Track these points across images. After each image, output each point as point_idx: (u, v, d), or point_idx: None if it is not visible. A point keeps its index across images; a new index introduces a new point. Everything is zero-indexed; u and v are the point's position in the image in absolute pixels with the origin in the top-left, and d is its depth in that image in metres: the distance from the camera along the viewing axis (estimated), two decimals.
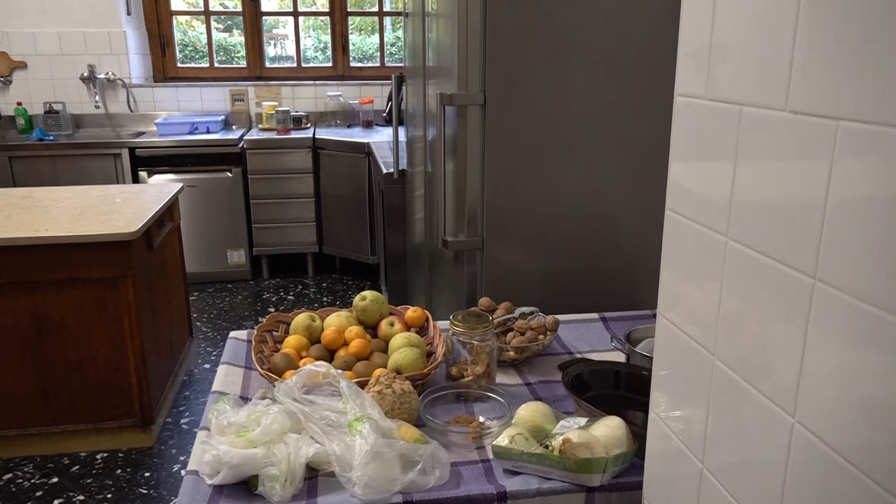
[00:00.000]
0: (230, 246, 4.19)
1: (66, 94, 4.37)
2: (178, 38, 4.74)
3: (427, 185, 2.45)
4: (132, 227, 2.34)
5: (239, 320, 3.72)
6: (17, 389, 2.41)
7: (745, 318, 0.71)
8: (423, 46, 2.33)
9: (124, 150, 3.96)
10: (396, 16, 5.04)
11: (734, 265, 0.72)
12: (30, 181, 3.86)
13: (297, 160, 4.12)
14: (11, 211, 2.56)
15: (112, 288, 2.36)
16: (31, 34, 4.27)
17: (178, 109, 4.51)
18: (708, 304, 0.78)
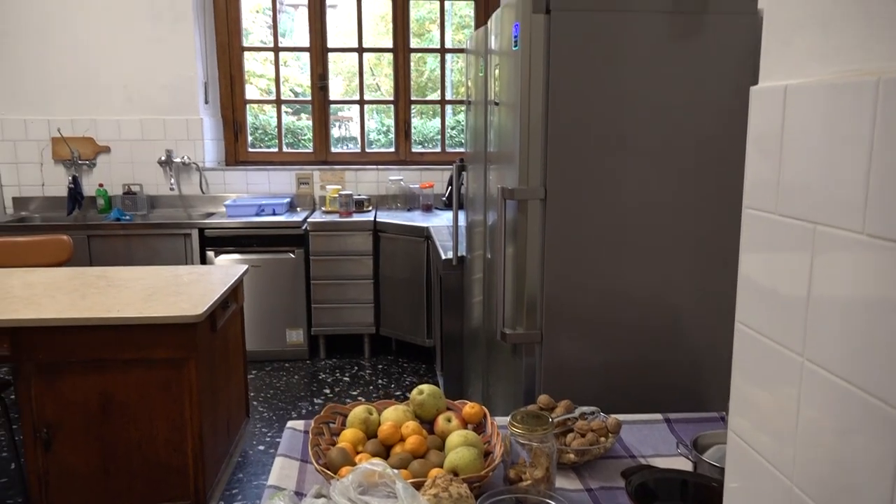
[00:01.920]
0: (289, 325, 4.26)
1: (144, 176, 4.62)
2: (250, 121, 5.00)
3: (486, 271, 2.46)
4: (198, 309, 2.40)
5: (295, 401, 3.73)
6: (80, 466, 2.45)
7: (823, 432, 0.67)
8: (485, 133, 2.38)
9: (194, 230, 4.12)
10: (458, 104, 5.21)
11: (812, 386, 0.69)
12: (105, 258, 4.05)
13: (357, 242, 4.21)
14: (87, 290, 2.67)
15: (175, 369, 2.41)
16: (117, 121, 4.57)
17: (247, 191, 4.70)
18: (783, 417, 0.74)
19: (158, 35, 4.50)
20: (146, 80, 4.55)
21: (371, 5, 4.94)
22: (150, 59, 4.52)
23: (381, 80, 5.43)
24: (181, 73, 4.54)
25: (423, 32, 5.38)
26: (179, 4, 4.47)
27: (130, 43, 4.50)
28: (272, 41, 4.90)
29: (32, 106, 4.54)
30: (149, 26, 4.49)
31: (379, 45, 5.06)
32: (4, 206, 4.59)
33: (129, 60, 4.52)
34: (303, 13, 4.98)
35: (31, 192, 4.62)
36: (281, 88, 4.89)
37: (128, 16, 4.47)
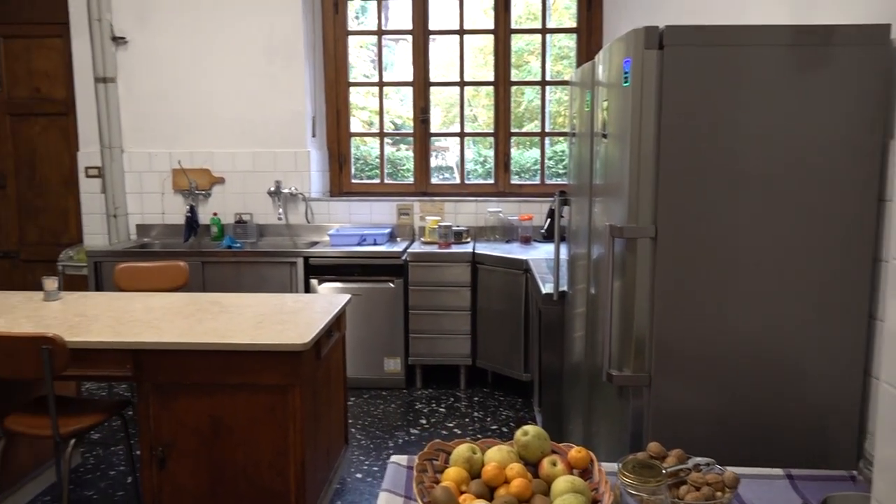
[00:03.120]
0: (387, 354, 4.31)
1: (255, 206, 4.84)
2: (352, 153, 5.15)
3: (589, 306, 2.41)
4: (304, 338, 2.47)
5: (391, 430, 3.75)
6: (190, 487, 2.55)
7: None
8: (591, 165, 2.35)
9: (300, 258, 4.27)
10: (557, 135, 5.18)
11: None
12: (217, 283, 4.25)
13: (456, 274, 4.23)
14: (202, 316, 2.80)
15: (281, 395, 2.49)
16: (231, 154, 4.83)
17: (350, 221, 4.83)
18: None
19: (272, 73, 4.74)
20: (259, 115, 4.79)
21: (470, 38, 5.01)
22: (264, 95, 4.77)
23: (478, 111, 5.48)
24: (291, 108, 4.76)
25: (522, 64, 5.40)
26: (292, 44, 4.70)
27: (246, 81, 4.77)
28: (375, 75, 5.06)
29: (156, 140, 4.87)
30: (263, 65, 4.74)
31: (477, 77, 5.12)
32: (129, 233, 4.92)
33: (244, 97, 4.78)
34: (403, 46, 5.13)
35: (153, 220, 4.93)
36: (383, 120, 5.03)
37: (245, 56, 4.74)
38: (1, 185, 5.22)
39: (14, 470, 2.91)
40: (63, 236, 5.21)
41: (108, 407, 2.69)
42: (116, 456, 3.45)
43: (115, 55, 4.79)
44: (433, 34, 4.94)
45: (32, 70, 5.11)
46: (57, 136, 5.15)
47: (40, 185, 5.21)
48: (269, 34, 4.70)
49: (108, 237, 4.87)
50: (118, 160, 4.85)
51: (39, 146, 5.18)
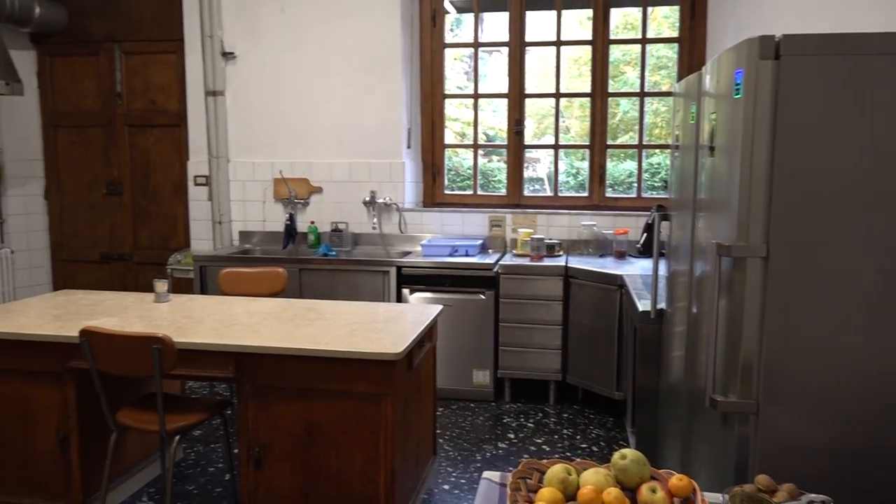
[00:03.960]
0: (476, 366, 4.30)
1: (350, 215, 4.96)
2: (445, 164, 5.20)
3: (690, 326, 2.31)
4: (398, 347, 2.49)
5: (479, 442, 3.73)
6: (284, 488, 2.62)
7: None
8: (695, 179, 2.26)
9: (392, 268, 4.33)
10: (656, 148, 5.04)
11: None
12: (313, 290, 4.37)
13: (547, 287, 4.18)
14: (300, 322, 2.88)
15: (374, 403, 2.52)
16: (329, 164, 4.97)
17: (442, 232, 4.87)
18: None
19: (369, 85, 4.85)
20: (356, 127, 4.91)
21: (565, 49, 4.95)
22: (361, 107, 4.88)
23: (570, 123, 5.42)
24: (387, 120, 4.85)
25: (617, 74, 5.31)
26: (390, 57, 4.79)
27: (345, 93, 4.90)
28: (468, 86, 5.08)
29: (260, 150, 5.08)
30: (361, 77, 4.85)
31: (570, 88, 5.05)
32: (232, 239, 5.14)
33: (343, 109, 4.92)
34: (496, 57, 5.13)
35: (254, 227, 5.13)
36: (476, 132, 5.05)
37: (344, 69, 4.87)
38: (118, 192, 5.58)
39: (123, 461, 3.08)
40: (172, 241, 5.50)
41: (210, 406, 2.80)
42: (215, 453, 3.59)
43: (225, 69, 5.03)
44: (529, 45, 4.92)
45: (149, 84, 5.44)
46: (169, 146, 5.46)
47: (153, 193, 5.53)
48: (368, 48, 4.82)
49: (213, 243, 5.10)
50: (224, 169, 5.08)
51: (153, 155, 5.50)
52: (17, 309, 3.12)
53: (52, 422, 2.79)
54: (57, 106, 5.63)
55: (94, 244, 5.69)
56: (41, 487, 2.84)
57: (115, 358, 2.53)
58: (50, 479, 2.83)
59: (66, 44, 5.51)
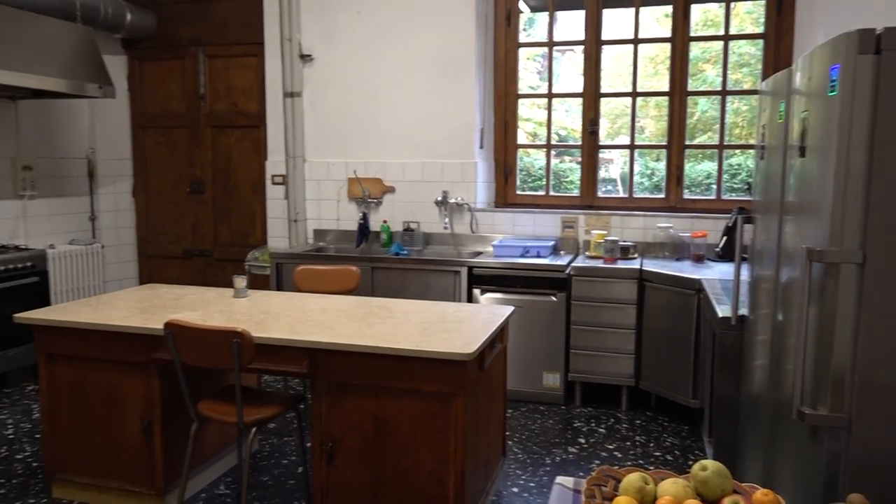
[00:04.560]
0: (546, 368, 4.25)
1: (422, 214, 4.99)
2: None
3: (775, 334, 2.21)
4: (469, 347, 2.49)
5: (549, 446, 3.69)
6: (354, 483, 2.66)
7: None
8: (783, 180, 2.16)
9: (463, 268, 4.33)
10: (737, 148, 4.87)
11: None
12: (384, 288, 4.42)
13: (621, 290, 4.09)
14: (372, 319, 2.92)
15: (444, 403, 2.52)
16: (402, 164, 5.01)
17: (513, 233, 4.84)
18: None
19: (443, 86, 4.87)
20: (429, 127, 4.94)
21: (640, 47, 4.83)
22: (435, 108, 4.90)
23: (645, 122, 5.28)
24: (461, 120, 4.85)
25: (696, 73, 5.14)
26: (463, 57, 4.80)
27: (418, 94, 4.93)
28: (540, 86, 5.03)
29: (334, 150, 5.17)
30: (435, 78, 4.88)
31: (646, 87, 4.92)
32: (307, 237, 5.25)
33: (416, 109, 4.95)
34: (568, 56, 5.06)
35: (328, 226, 5.23)
36: (546, 132, 4.99)
37: (418, 70, 4.91)
38: (200, 191, 5.79)
39: (202, 451, 3.19)
40: (250, 238, 5.67)
41: (285, 400, 2.86)
42: (289, 446, 3.67)
43: (302, 71, 5.15)
44: (606, 44, 4.83)
45: (231, 87, 5.63)
46: (249, 146, 5.63)
47: (233, 191, 5.71)
48: (442, 48, 4.84)
49: (289, 240, 5.23)
50: (300, 169, 5.20)
51: (234, 155, 5.69)
52: (107, 301, 3.27)
53: (137, 410, 2.91)
54: (145, 108, 5.89)
55: (178, 240, 5.92)
56: (127, 472, 2.97)
57: (197, 350, 2.62)
58: (135, 464, 2.96)
59: (155, 49, 5.76)
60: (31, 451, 3.58)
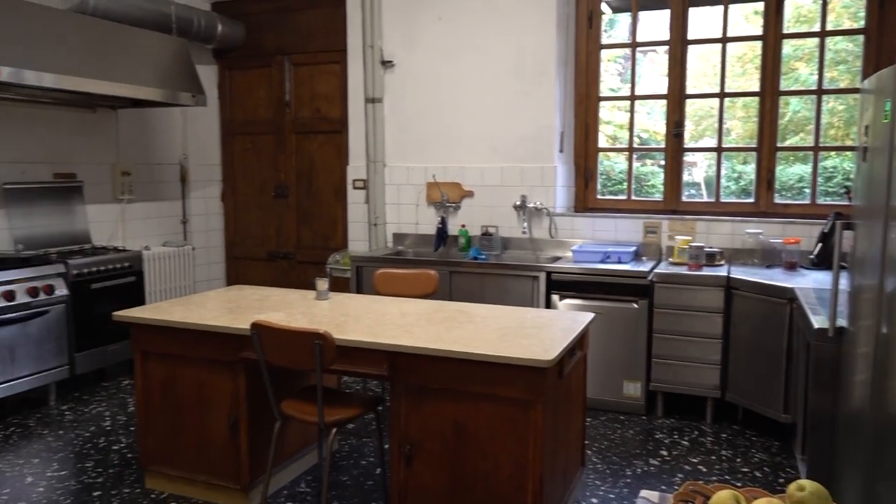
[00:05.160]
0: (627, 377, 4.15)
1: (500, 219, 4.97)
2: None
3: (878, 348, 2.08)
4: (549, 354, 2.45)
5: (629, 457, 3.59)
6: (433, 486, 2.66)
7: None
8: (888, 184, 2.03)
9: (542, 273, 4.28)
10: (834, 150, 4.63)
11: None
12: (462, 293, 4.42)
13: (707, 298, 3.95)
14: (451, 324, 2.92)
15: (523, 409, 2.49)
16: (481, 168, 5.01)
17: (593, 238, 4.75)
18: None
19: (523, 89, 4.84)
20: (509, 131, 4.91)
21: (729, 46, 4.65)
22: (514, 111, 4.88)
23: (731, 124, 5.09)
24: (540, 124, 4.81)
25: (787, 71, 4.92)
26: (544, 60, 4.75)
27: (498, 97, 4.92)
28: (620, 89, 4.93)
29: (414, 155, 5.22)
30: (515, 81, 4.85)
31: (733, 87, 4.73)
32: (386, 241, 5.32)
33: (496, 113, 4.94)
34: (651, 58, 4.93)
35: (407, 230, 5.28)
36: (628, 135, 4.88)
37: (498, 73, 4.90)
38: (284, 195, 5.97)
39: (284, 449, 3.27)
40: (331, 241, 5.80)
41: (364, 402, 2.90)
42: (367, 447, 3.72)
43: (383, 77, 5.23)
44: (692, 44, 4.69)
45: (314, 93, 5.77)
46: (331, 151, 5.76)
47: (315, 195, 5.86)
48: (523, 51, 4.81)
49: (369, 244, 5.31)
50: (380, 174, 5.28)
51: (317, 160, 5.83)
52: (197, 301, 3.41)
53: (224, 407, 3.02)
54: (234, 115, 6.12)
55: (263, 243, 6.12)
56: (214, 467, 3.08)
57: (281, 351, 2.69)
58: (222, 460, 3.06)
59: (243, 58, 5.98)
60: (126, 442, 3.76)
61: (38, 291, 4.16)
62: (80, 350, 4.47)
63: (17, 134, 4.70)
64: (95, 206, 5.23)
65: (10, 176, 4.64)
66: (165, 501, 3.11)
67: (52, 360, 4.28)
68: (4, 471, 3.41)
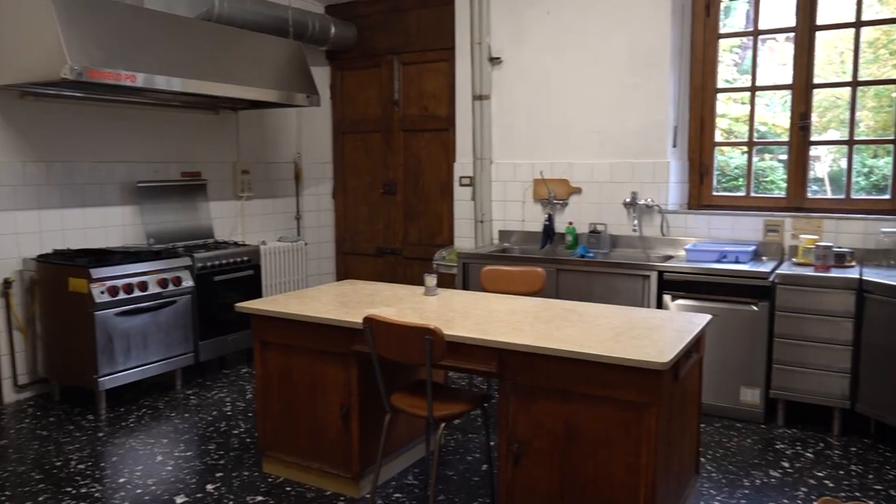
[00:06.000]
0: (744, 382, 3.95)
1: (609, 216, 4.85)
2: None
3: None
4: (664, 356, 2.36)
5: (747, 468, 3.42)
6: (541, 487, 2.63)
7: None
8: None
9: (653, 272, 4.14)
10: None
11: None
12: (569, 291, 4.35)
13: (835, 301, 3.69)
14: (560, 323, 2.87)
15: (636, 412, 2.42)
16: (590, 165, 4.91)
17: (708, 236, 4.55)
18: None
19: (634, 82, 4.70)
20: (619, 126, 4.79)
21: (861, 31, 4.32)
22: (625, 106, 4.75)
23: (861, 115, 4.72)
24: (653, 118, 4.66)
25: None
26: (658, 52, 4.60)
27: (608, 92, 4.80)
28: (737, 80, 4.68)
29: (521, 152, 5.19)
30: (626, 75, 4.72)
31: (863, 75, 4.38)
32: (492, 238, 5.32)
33: (605, 108, 4.83)
34: (770, 46, 4.65)
35: (513, 227, 5.26)
36: (744, 128, 4.63)
37: (608, 67, 4.78)
38: (392, 192, 6.08)
39: (392, 441, 3.33)
40: (437, 238, 5.86)
41: (472, 398, 2.91)
42: (473, 443, 3.74)
43: (491, 74, 5.22)
44: (820, 30, 4.39)
45: (422, 91, 5.85)
46: (438, 148, 5.82)
47: (422, 192, 5.94)
48: (635, 44, 4.67)
49: (475, 240, 5.33)
50: (487, 170, 5.28)
51: (423, 158, 5.91)
52: (311, 295, 3.53)
53: (337, 397, 3.11)
54: (345, 114, 6.30)
55: (371, 239, 6.27)
56: (327, 455, 3.19)
57: (392, 345, 2.74)
58: (334, 448, 3.16)
59: (354, 58, 6.15)
60: (244, 427, 3.96)
61: (167, 283, 4.45)
62: (204, 339, 4.74)
63: (149, 135, 5.04)
64: (218, 202, 5.53)
65: (143, 175, 4.98)
66: (281, 486, 3.25)
67: (178, 347, 4.56)
68: (138, 449, 3.66)
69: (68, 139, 4.56)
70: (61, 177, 4.53)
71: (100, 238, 4.77)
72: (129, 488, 3.22)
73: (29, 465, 3.45)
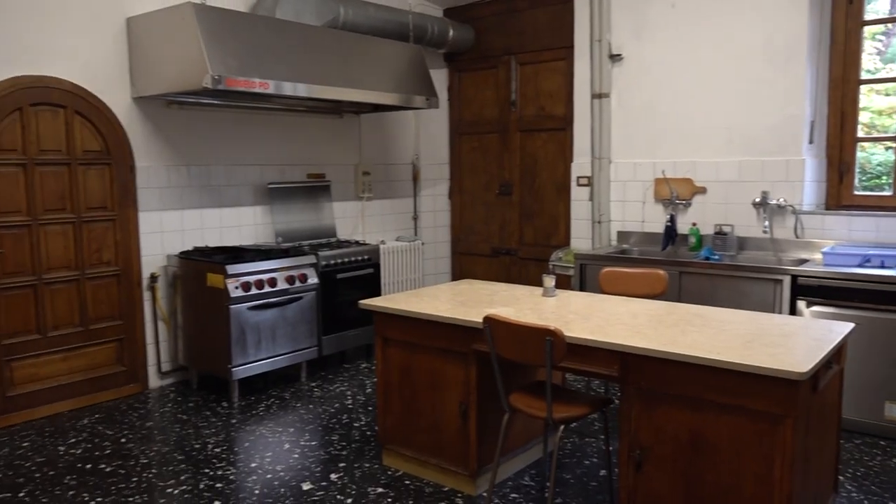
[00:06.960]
0: (890, 398, 3.65)
1: (736, 217, 4.62)
2: None
3: None
4: (803, 366, 2.23)
5: (892, 488, 3.16)
6: (664, 495, 2.55)
7: None
8: None
9: (786, 276, 3.91)
10: None
11: None
12: (692, 295, 4.19)
13: None
14: (685, 327, 2.77)
15: (770, 424, 2.29)
16: (715, 163, 4.70)
17: (849, 239, 4.24)
18: None
19: (767, 76, 4.45)
20: (749, 122, 4.56)
21: None
22: (756, 100, 4.51)
23: None
24: (786, 113, 4.40)
25: None
26: (794, 43, 4.34)
27: (737, 86, 4.58)
28: (881, 70, 4.31)
29: (641, 150, 5.04)
30: (759, 67, 4.48)
31: None
32: (610, 239, 5.21)
33: (733, 104, 4.60)
34: None
35: (632, 228, 5.12)
36: (888, 122, 4.27)
37: (737, 60, 4.56)
38: (508, 192, 6.09)
39: (510, 441, 3.33)
40: (553, 238, 5.81)
41: (592, 401, 2.86)
42: (590, 447, 3.67)
43: (611, 72, 5.11)
44: None
45: (539, 91, 5.82)
46: (554, 148, 5.76)
47: (538, 192, 5.90)
48: (768, 35, 4.42)
49: (592, 242, 5.23)
50: (606, 170, 5.17)
51: (540, 158, 5.88)
52: (430, 294, 3.59)
53: (456, 395, 3.15)
54: (462, 116, 6.37)
55: (486, 239, 6.31)
56: (445, 451, 3.23)
57: (512, 345, 2.74)
58: (452, 445, 3.20)
59: (472, 60, 6.20)
60: (365, 420, 4.09)
61: (294, 279, 4.67)
62: (326, 333, 4.93)
63: (278, 139, 5.31)
64: (340, 203, 5.74)
65: (273, 176, 5.25)
66: (400, 479, 3.33)
67: (304, 341, 4.78)
68: (267, 436, 3.87)
69: (206, 144, 4.89)
70: (200, 179, 4.87)
71: (234, 236, 5.08)
72: (260, 473, 3.41)
73: (172, 447, 3.73)
